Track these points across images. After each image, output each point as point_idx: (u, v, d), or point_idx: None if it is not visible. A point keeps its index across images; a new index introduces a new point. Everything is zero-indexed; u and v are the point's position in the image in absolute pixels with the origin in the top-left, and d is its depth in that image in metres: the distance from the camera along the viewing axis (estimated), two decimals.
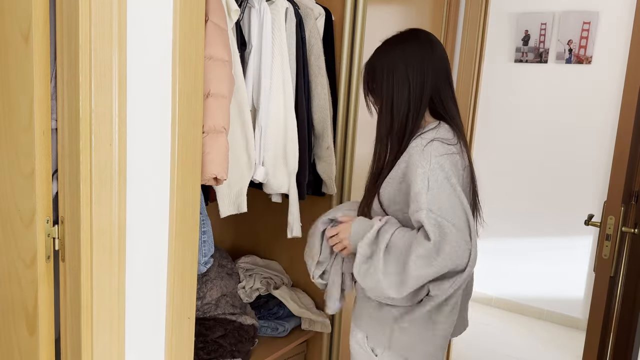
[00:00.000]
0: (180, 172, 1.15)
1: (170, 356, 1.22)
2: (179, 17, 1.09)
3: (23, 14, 0.98)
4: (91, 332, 1.03)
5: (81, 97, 0.95)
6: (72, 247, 1.02)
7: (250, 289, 1.92)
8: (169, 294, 1.19)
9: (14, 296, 1.11)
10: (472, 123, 2.65)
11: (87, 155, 0.97)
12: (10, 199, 1.07)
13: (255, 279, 1.95)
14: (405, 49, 1.31)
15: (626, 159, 1.76)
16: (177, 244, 1.18)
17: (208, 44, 1.24)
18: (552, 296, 3.60)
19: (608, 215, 1.78)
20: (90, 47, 0.94)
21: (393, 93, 1.30)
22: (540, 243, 3.61)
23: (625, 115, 1.77)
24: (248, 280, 1.95)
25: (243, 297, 1.90)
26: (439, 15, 2.46)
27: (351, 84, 1.83)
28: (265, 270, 2.02)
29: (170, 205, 1.15)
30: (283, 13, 1.57)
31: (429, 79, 1.29)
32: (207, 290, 1.78)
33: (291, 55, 1.62)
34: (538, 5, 3.46)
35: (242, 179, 1.52)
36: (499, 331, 3.44)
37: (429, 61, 1.30)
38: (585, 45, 3.34)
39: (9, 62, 1.03)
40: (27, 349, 1.11)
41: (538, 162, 3.56)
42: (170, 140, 1.13)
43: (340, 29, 1.80)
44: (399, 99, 1.30)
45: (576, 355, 3.03)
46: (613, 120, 3.23)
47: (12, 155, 1.06)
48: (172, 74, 1.10)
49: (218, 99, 1.28)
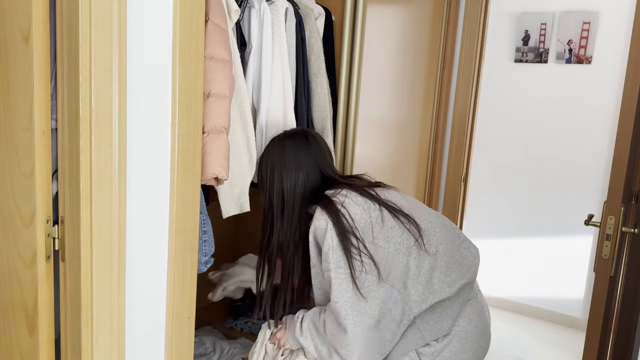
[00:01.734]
0: (180, 172, 1.15)
1: (170, 356, 1.22)
2: (179, 17, 1.09)
3: (23, 14, 0.98)
4: (91, 332, 1.03)
5: (81, 97, 0.95)
6: (72, 247, 1.02)
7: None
8: (169, 294, 1.19)
9: (14, 296, 1.11)
10: (472, 123, 2.65)
11: (87, 155, 0.97)
12: (10, 199, 1.07)
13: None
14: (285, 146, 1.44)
15: (626, 159, 1.76)
16: (177, 244, 1.18)
17: (208, 44, 1.24)
18: (552, 296, 3.60)
19: (608, 215, 1.79)
20: (90, 47, 0.94)
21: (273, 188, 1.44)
22: (540, 243, 3.61)
23: (625, 115, 1.77)
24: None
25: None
26: (439, 15, 2.46)
27: (351, 84, 1.83)
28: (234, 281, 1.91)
29: (170, 205, 1.15)
30: (283, 13, 1.57)
31: (302, 175, 1.42)
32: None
33: (291, 55, 1.62)
34: (538, 5, 3.46)
35: (243, 179, 1.52)
36: (499, 331, 3.44)
37: (303, 156, 1.43)
38: (585, 45, 3.34)
39: (9, 62, 1.03)
40: (27, 349, 1.11)
41: (538, 162, 3.56)
42: (170, 140, 1.13)
43: (340, 29, 1.80)
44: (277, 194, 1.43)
45: (576, 355, 3.03)
46: (613, 120, 3.23)
47: (12, 155, 1.06)
48: (172, 74, 1.10)
49: (219, 99, 1.28)
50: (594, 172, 3.38)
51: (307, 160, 1.43)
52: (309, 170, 1.42)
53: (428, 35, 2.39)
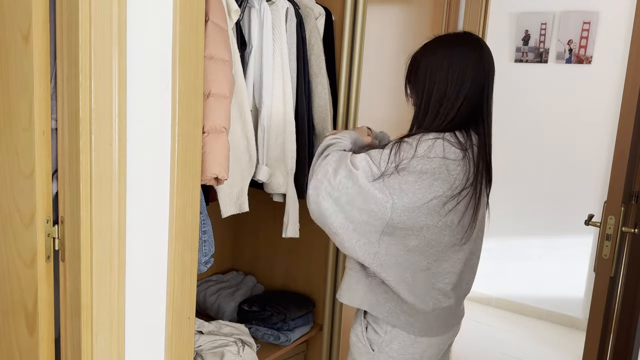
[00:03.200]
0: (180, 172, 1.15)
1: (170, 356, 1.22)
2: (179, 17, 1.09)
3: (23, 14, 0.98)
4: (91, 332, 1.03)
5: (81, 97, 0.95)
6: (72, 247, 1.02)
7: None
8: (169, 294, 1.19)
9: (14, 296, 1.11)
10: None
11: (87, 155, 0.97)
12: (10, 199, 1.07)
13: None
14: (454, 52, 1.29)
15: (626, 159, 1.76)
16: (177, 244, 1.18)
17: (208, 43, 1.24)
18: (552, 296, 3.60)
19: (608, 215, 1.78)
20: (90, 47, 0.94)
21: (432, 92, 1.29)
22: (540, 243, 3.61)
23: (625, 115, 1.77)
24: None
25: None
26: (439, 15, 2.45)
27: (351, 84, 1.83)
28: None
29: (170, 205, 1.15)
30: (283, 13, 1.57)
31: (467, 86, 1.27)
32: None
33: (292, 55, 1.62)
34: (538, 5, 3.46)
35: (243, 179, 1.53)
36: (499, 331, 3.44)
37: (473, 70, 1.27)
38: (585, 45, 3.34)
39: (9, 62, 1.03)
40: (27, 349, 1.11)
41: (538, 162, 3.56)
42: (170, 140, 1.13)
43: (340, 29, 1.80)
44: (435, 98, 1.29)
45: (576, 355, 3.03)
46: (613, 120, 3.23)
47: (12, 155, 1.06)
48: (172, 74, 1.10)
49: (219, 99, 1.28)
50: (594, 172, 3.38)
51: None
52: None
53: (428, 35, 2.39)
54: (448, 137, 1.25)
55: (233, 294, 2.05)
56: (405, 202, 1.21)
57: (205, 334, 1.72)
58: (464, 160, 1.24)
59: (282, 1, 1.58)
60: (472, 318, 3.55)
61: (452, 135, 1.25)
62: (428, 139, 1.24)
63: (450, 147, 1.24)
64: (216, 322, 1.81)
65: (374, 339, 1.35)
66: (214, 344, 1.68)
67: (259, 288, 2.18)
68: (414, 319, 1.33)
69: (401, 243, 1.26)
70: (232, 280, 2.18)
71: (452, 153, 1.23)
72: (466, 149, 1.25)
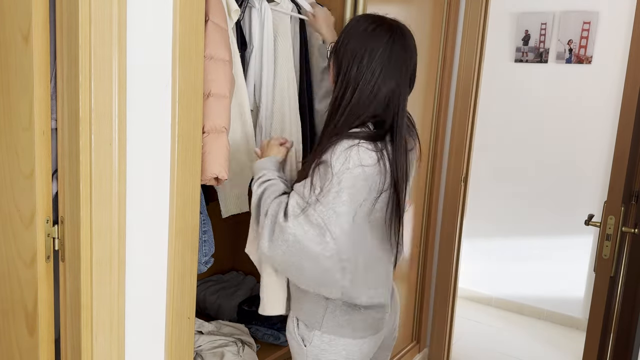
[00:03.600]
0: (180, 172, 1.15)
1: (170, 356, 1.22)
2: (179, 17, 1.09)
3: (23, 14, 0.98)
4: (91, 332, 1.03)
5: (81, 97, 0.95)
6: (72, 247, 1.02)
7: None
8: (169, 294, 1.19)
9: (14, 296, 1.11)
10: (472, 123, 2.65)
11: (87, 155, 0.97)
12: (10, 199, 1.07)
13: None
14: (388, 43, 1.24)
15: (626, 159, 1.76)
16: (177, 244, 1.18)
17: (208, 43, 1.24)
18: (552, 296, 3.60)
19: (608, 215, 1.78)
20: (90, 47, 0.94)
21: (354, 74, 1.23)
22: (540, 243, 3.61)
23: (625, 115, 1.77)
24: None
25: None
26: (439, 15, 2.45)
27: None
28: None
29: (170, 205, 1.15)
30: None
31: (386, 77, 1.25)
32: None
33: (295, 56, 1.62)
34: (538, 5, 3.46)
35: (243, 179, 1.52)
36: (499, 331, 3.44)
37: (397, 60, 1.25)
38: (585, 45, 3.34)
39: (9, 62, 1.03)
40: (27, 349, 1.11)
41: (538, 162, 3.56)
42: (170, 140, 1.13)
43: (340, 29, 1.80)
44: (354, 81, 1.23)
45: (576, 355, 3.03)
46: (613, 120, 3.22)
47: (12, 155, 1.06)
48: (172, 73, 1.10)
49: (219, 99, 1.28)
50: (594, 172, 3.38)
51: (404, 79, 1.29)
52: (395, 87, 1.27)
53: (428, 35, 2.39)
54: (363, 143, 1.20)
55: (233, 294, 2.05)
56: (342, 222, 1.18)
57: (205, 334, 1.72)
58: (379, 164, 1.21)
59: (286, 2, 1.58)
60: (472, 318, 3.55)
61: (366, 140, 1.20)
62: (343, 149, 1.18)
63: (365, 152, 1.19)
64: (216, 322, 1.81)
65: (305, 335, 1.36)
66: (214, 344, 1.69)
67: (259, 288, 2.17)
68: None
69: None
70: (232, 280, 2.18)
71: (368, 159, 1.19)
72: (381, 150, 1.21)
